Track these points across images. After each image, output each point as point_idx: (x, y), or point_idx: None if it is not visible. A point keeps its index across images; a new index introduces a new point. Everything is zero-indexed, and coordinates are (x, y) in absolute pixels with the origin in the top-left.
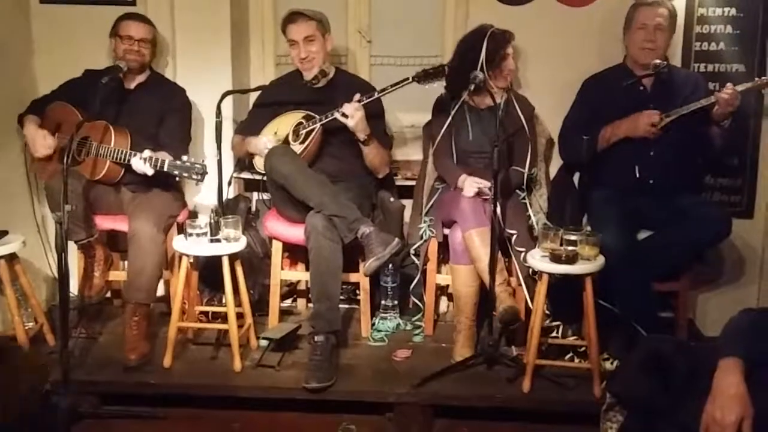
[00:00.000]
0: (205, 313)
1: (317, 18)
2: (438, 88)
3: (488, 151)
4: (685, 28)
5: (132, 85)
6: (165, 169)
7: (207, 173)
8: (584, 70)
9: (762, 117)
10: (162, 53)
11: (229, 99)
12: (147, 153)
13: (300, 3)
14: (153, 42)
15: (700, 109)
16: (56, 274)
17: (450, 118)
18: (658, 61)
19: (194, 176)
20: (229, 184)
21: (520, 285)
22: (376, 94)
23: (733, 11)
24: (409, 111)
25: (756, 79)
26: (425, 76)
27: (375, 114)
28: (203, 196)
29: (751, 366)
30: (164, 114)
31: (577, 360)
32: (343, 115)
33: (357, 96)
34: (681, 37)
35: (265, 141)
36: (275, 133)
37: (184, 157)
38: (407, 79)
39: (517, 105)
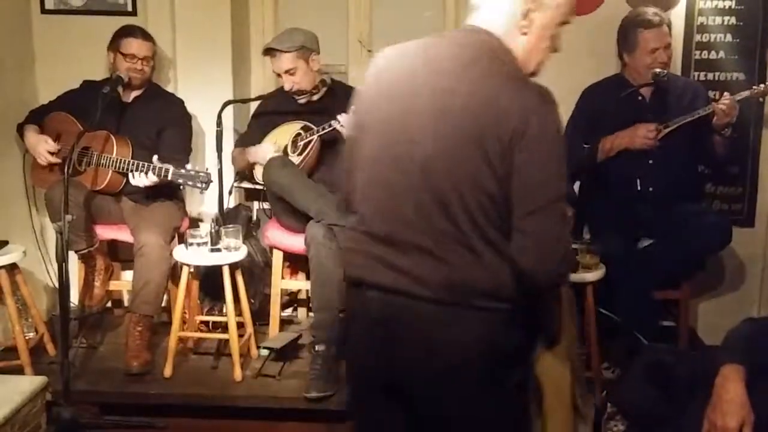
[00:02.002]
0: (206, 323)
1: (295, 48)
2: None
3: None
4: (685, 37)
5: (129, 98)
6: (170, 178)
7: (212, 181)
8: (583, 79)
9: (763, 126)
10: (162, 64)
11: (229, 109)
12: (156, 161)
13: (301, 13)
14: (154, 57)
15: (700, 118)
16: (56, 284)
17: None
18: (658, 70)
19: (199, 184)
20: (230, 193)
21: None
22: None
23: (733, 20)
24: None
25: (753, 87)
26: None
27: None
28: (204, 205)
29: (751, 373)
30: (163, 126)
31: None
32: (342, 125)
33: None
34: (681, 46)
35: (266, 148)
36: (275, 143)
37: (188, 166)
38: None
39: None
